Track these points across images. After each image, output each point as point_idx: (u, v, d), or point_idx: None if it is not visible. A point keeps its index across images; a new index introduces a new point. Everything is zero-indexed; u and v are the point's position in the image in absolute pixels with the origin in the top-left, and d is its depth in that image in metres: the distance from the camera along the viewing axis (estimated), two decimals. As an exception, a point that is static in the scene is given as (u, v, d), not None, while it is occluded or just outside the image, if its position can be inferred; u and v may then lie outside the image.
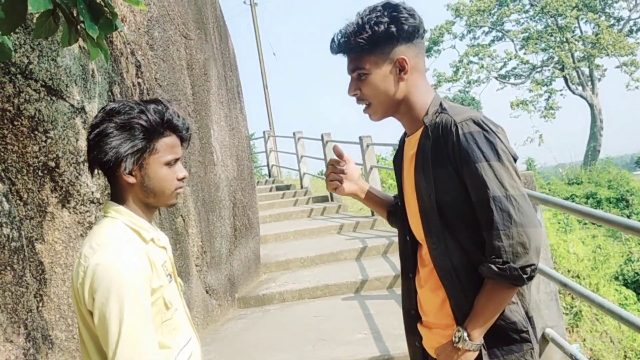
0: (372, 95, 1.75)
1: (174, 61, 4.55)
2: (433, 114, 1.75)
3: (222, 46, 6.39)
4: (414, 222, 1.82)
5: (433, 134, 1.70)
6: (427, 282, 1.79)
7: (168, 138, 1.70)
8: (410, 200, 1.82)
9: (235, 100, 6.76)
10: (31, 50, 2.55)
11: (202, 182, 5.00)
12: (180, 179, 1.74)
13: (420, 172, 1.73)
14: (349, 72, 1.77)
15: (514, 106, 29.14)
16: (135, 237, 1.68)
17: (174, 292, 1.75)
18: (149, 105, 1.69)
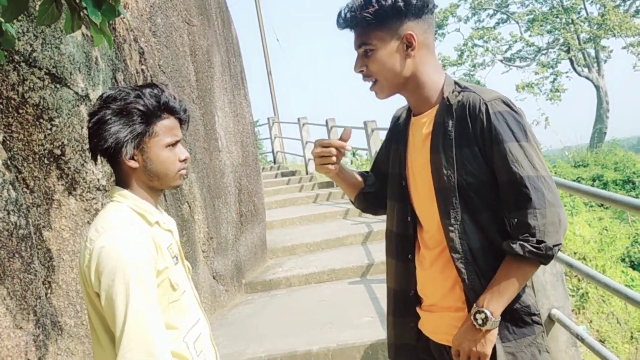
0: (379, 71, 1.70)
1: (177, 48, 4.54)
2: (451, 92, 1.71)
3: (225, 32, 6.36)
4: (423, 203, 1.78)
5: (458, 113, 1.66)
6: (433, 265, 1.76)
7: (166, 120, 1.71)
8: (420, 180, 1.78)
9: (239, 86, 6.75)
10: (35, 38, 2.55)
11: (207, 169, 5.00)
12: (182, 160, 1.75)
13: (439, 152, 1.68)
14: (355, 47, 1.72)
15: (520, 89, 28.93)
16: (140, 220, 1.69)
17: (181, 274, 1.76)
18: (144, 89, 1.70)
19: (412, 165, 1.82)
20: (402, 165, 1.85)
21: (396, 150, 1.89)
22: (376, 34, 1.66)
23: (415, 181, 1.80)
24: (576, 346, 2.98)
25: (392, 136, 1.94)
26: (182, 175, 1.78)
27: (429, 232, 1.78)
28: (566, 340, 2.97)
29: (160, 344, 1.54)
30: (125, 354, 1.49)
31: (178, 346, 1.68)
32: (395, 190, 1.87)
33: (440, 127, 1.69)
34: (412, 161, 1.82)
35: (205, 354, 1.77)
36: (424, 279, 1.82)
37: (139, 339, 1.51)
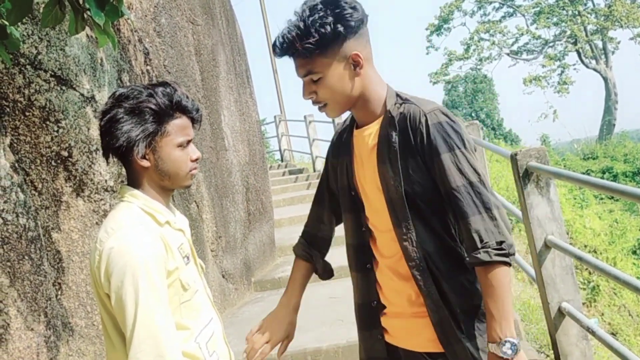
0: (329, 96, 1.69)
1: (182, 47, 4.55)
2: (394, 104, 1.72)
3: (230, 31, 6.36)
4: (376, 213, 1.78)
5: (400, 125, 1.69)
6: (394, 273, 1.76)
7: (178, 120, 1.69)
8: (371, 192, 1.78)
9: (245, 84, 6.75)
10: (39, 41, 2.56)
11: (214, 168, 5.01)
12: (194, 160, 1.73)
13: (386, 163, 1.70)
14: (299, 75, 1.70)
15: (527, 82, 28.79)
16: (150, 220, 1.68)
17: (192, 274, 1.75)
18: (157, 88, 1.68)
19: (360, 177, 1.82)
20: (350, 177, 1.84)
21: (342, 163, 1.87)
22: (321, 61, 1.64)
23: (366, 192, 1.80)
24: (587, 339, 2.95)
25: (337, 150, 1.92)
26: (193, 175, 1.77)
27: (383, 241, 1.79)
28: (577, 334, 2.94)
29: (170, 344, 1.54)
30: (136, 354, 1.50)
31: (190, 346, 1.67)
32: (347, 202, 1.87)
33: (385, 139, 1.70)
34: (359, 173, 1.81)
35: (217, 353, 1.77)
36: (388, 288, 1.81)
37: (149, 339, 1.51)
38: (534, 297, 4.37)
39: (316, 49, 1.61)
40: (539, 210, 3.04)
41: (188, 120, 1.72)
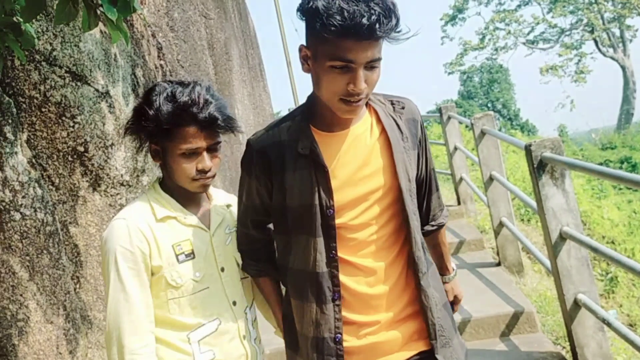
0: (372, 89, 1.56)
1: (195, 42, 4.56)
2: (383, 98, 1.74)
3: (242, 24, 6.38)
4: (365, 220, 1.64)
5: (406, 116, 1.71)
6: (386, 282, 1.67)
7: (185, 127, 1.66)
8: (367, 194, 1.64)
9: (258, 78, 6.77)
10: (54, 37, 2.58)
11: (228, 161, 5.04)
12: (200, 170, 1.69)
13: (403, 153, 1.66)
14: (362, 61, 1.47)
15: (544, 72, 28.53)
16: (148, 213, 1.74)
17: (189, 272, 1.73)
18: (176, 89, 1.68)
19: (345, 185, 1.63)
20: (323, 191, 1.61)
21: (303, 178, 1.63)
22: (381, 47, 1.51)
23: (357, 198, 1.63)
24: (603, 331, 2.93)
25: (288, 164, 1.65)
26: (200, 184, 1.73)
27: (370, 251, 1.66)
28: (593, 325, 2.93)
29: (129, 333, 1.66)
30: (105, 339, 1.69)
31: (178, 341, 1.73)
32: (310, 223, 1.63)
33: (392, 129, 1.67)
34: (345, 179, 1.63)
35: (218, 352, 1.76)
36: (372, 305, 1.67)
37: (112, 327, 1.67)
38: (550, 288, 4.34)
39: (390, 32, 1.47)
40: (554, 201, 3.02)
41: (196, 129, 1.66)
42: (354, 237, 1.65)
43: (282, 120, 1.72)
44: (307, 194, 1.62)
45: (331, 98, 1.53)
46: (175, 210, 1.77)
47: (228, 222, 1.89)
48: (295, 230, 1.66)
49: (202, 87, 1.71)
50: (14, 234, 2.30)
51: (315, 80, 1.58)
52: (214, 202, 1.89)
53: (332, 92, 1.52)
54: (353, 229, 1.64)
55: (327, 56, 1.47)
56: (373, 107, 1.70)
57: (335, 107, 1.55)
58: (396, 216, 1.67)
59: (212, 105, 1.68)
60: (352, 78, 1.48)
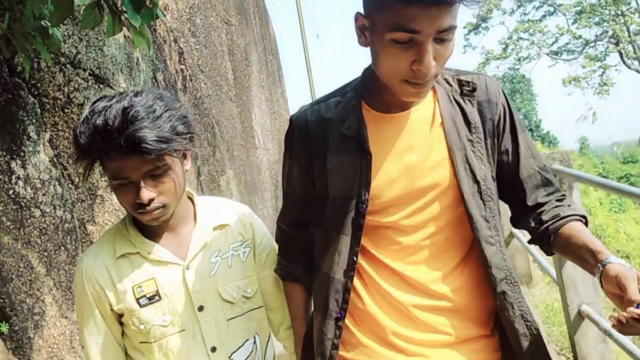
0: (444, 63, 1.27)
1: (215, 47, 4.65)
2: (452, 76, 1.43)
3: (263, 30, 6.47)
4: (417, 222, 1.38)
5: (479, 98, 1.39)
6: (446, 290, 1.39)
7: (108, 159, 1.40)
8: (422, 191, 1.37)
9: (276, 84, 6.86)
10: (79, 41, 2.68)
11: (244, 165, 5.12)
12: (138, 202, 1.42)
13: (462, 150, 1.36)
14: (429, 31, 1.18)
15: (567, 83, 28.26)
16: (107, 250, 1.56)
17: (152, 317, 1.52)
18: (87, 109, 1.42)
19: (396, 177, 1.38)
20: (362, 183, 1.37)
21: (345, 165, 1.39)
22: (456, 13, 1.21)
23: (407, 197, 1.38)
24: (606, 342, 2.95)
25: (330, 147, 1.42)
26: (149, 219, 1.47)
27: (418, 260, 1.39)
28: (596, 337, 2.95)
29: None
30: None
31: None
32: (343, 218, 1.39)
33: (456, 120, 1.38)
34: (397, 171, 1.38)
35: None
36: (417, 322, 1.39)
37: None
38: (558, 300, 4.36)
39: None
40: (562, 213, 3.03)
41: (120, 157, 1.37)
42: (402, 240, 1.38)
43: (331, 95, 1.48)
44: (347, 183, 1.38)
45: (392, 78, 1.27)
46: (138, 245, 1.54)
47: (218, 247, 1.61)
48: (329, 224, 1.43)
49: (127, 101, 1.39)
50: (34, 230, 2.39)
51: (373, 56, 1.31)
52: (198, 224, 1.61)
53: (394, 72, 1.25)
54: (402, 231, 1.38)
55: (388, 26, 1.20)
56: (436, 88, 1.40)
57: (396, 89, 1.29)
58: (458, 221, 1.38)
59: (133, 127, 1.35)
60: (418, 54, 1.20)
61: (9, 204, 2.32)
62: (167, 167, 1.44)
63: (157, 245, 1.55)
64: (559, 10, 29.15)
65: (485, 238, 1.36)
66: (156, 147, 1.36)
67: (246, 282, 1.64)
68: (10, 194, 2.32)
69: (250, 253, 1.67)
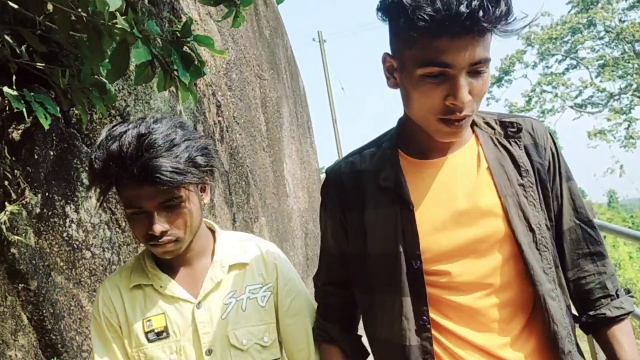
0: (480, 99, 1.19)
1: (249, 100, 4.88)
2: (494, 119, 1.34)
3: (293, 84, 6.73)
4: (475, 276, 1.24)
5: (526, 141, 1.29)
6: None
7: (123, 186, 1.36)
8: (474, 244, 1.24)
9: (306, 135, 7.07)
10: (128, 95, 2.89)
11: (275, 213, 5.26)
12: (150, 233, 1.36)
13: (514, 195, 1.25)
14: (461, 63, 1.12)
15: (592, 136, 28.20)
16: (124, 278, 1.53)
17: (157, 354, 1.45)
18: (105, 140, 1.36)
19: (441, 228, 1.26)
20: (409, 236, 1.25)
21: (386, 217, 1.28)
22: (488, 44, 1.15)
23: (457, 251, 1.26)
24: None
25: (365, 203, 1.33)
26: (161, 252, 1.41)
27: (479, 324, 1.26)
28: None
29: None
30: None
31: None
32: (394, 277, 1.26)
33: (503, 164, 1.27)
34: (442, 221, 1.26)
35: None
36: None
37: None
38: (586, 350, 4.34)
39: (499, 22, 1.10)
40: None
41: (134, 185, 1.32)
42: (457, 300, 1.24)
43: (366, 146, 1.40)
44: (390, 239, 1.26)
45: (426, 117, 1.19)
46: (152, 277, 1.48)
47: (234, 287, 1.50)
48: (379, 287, 1.30)
49: (144, 128, 1.34)
50: (84, 270, 2.54)
51: (404, 97, 1.24)
52: (214, 260, 1.52)
53: (427, 110, 1.17)
54: (455, 289, 1.24)
55: (417, 62, 1.14)
56: (477, 133, 1.31)
57: (431, 128, 1.21)
58: (518, 276, 1.25)
59: (148, 155, 1.29)
60: (451, 88, 1.13)
61: (63, 246, 2.49)
62: (183, 199, 1.37)
63: (170, 279, 1.47)
64: (582, 63, 29.39)
65: (548, 292, 1.23)
66: (171, 178, 1.29)
67: (262, 329, 1.50)
68: (64, 236, 2.49)
69: (271, 298, 1.53)
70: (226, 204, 3.77)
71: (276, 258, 1.59)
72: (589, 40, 28.48)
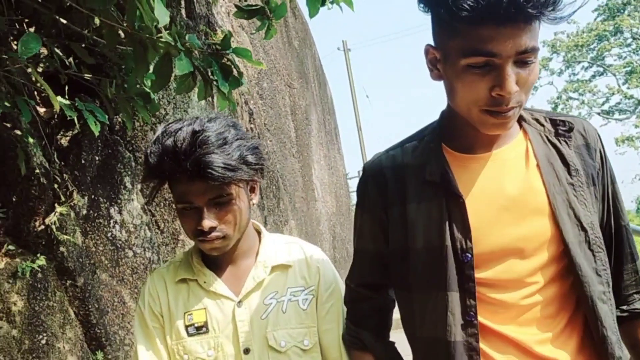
0: (529, 91, 1.14)
1: (279, 108, 5.03)
2: (543, 116, 1.29)
3: (321, 92, 6.88)
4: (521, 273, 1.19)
5: (576, 142, 1.25)
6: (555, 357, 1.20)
7: (175, 181, 1.37)
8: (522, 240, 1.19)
9: (333, 141, 7.21)
10: (167, 103, 3.05)
11: (305, 216, 5.39)
12: (199, 229, 1.37)
13: (563, 193, 1.20)
14: (507, 52, 1.06)
15: (620, 142, 27.84)
16: (171, 271, 1.53)
17: (196, 349, 1.45)
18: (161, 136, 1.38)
19: (488, 225, 1.21)
20: (459, 229, 1.19)
21: (431, 212, 1.23)
22: (536, 32, 1.09)
23: (503, 248, 1.20)
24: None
25: (407, 197, 1.27)
26: (209, 248, 1.41)
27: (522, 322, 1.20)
28: None
29: None
30: None
31: None
32: (439, 272, 1.21)
33: (552, 161, 1.22)
34: (489, 218, 1.21)
35: None
36: None
37: None
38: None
39: (546, 8, 1.05)
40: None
41: (186, 180, 1.33)
42: (500, 298, 1.19)
43: (406, 140, 1.35)
44: (435, 233, 1.21)
45: (470, 109, 1.14)
46: (197, 272, 1.50)
47: (275, 288, 1.49)
48: (420, 283, 1.24)
49: (199, 125, 1.36)
50: (127, 268, 2.70)
51: (448, 89, 1.20)
52: (258, 260, 1.51)
53: (472, 101, 1.13)
54: (500, 287, 1.20)
55: (461, 52, 1.09)
56: (526, 129, 1.27)
57: (477, 121, 1.16)
58: (564, 276, 1.20)
59: (201, 150, 1.31)
60: (498, 78, 1.08)
61: (107, 245, 2.64)
62: (232, 196, 1.38)
63: (214, 275, 1.48)
64: (609, 70, 29.05)
65: (598, 295, 1.17)
66: (222, 173, 1.31)
67: (303, 332, 1.47)
68: (108, 236, 2.65)
69: (313, 301, 1.50)
70: (258, 207, 3.91)
71: (320, 262, 1.56)
72: (616, 47, 28.15)
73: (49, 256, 2.37)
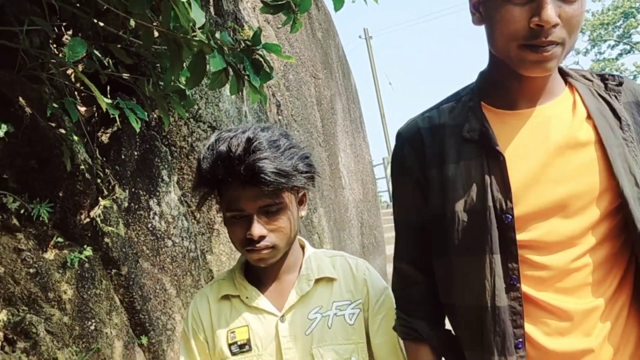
0: (575, 30, 1.08)
1: (305, 99, 5.12)
2: (590, 73, 1.24)
3: (345, 82, 6.95)
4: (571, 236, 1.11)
5: (626, 98, 1.19)
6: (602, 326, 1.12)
7: (226, 188, 1.36)
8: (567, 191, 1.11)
9: (358, 129, 7.29)
10: (200, 99, 3.16)
11: (332, 204, 5.50)
12: (248, 237, 1.34)
13: (619, 146, 1.12)
14: None
15: (648, 121, 27.30)
16: (215, 289, 1.52)
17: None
18: (214, 143, 1.38)
19: (531, 183, 1.13)
20: (499, 191, 1.13)
21: (470, 171, 1.17)
22: None
23: (548, 208, 1.13)
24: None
25: (445, 157, 1.21)
26: (256, 259, 1.38)
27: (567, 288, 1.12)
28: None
29: None
30: None
31: None
32: (480, 235, 1.14)
33: (604, 115, 1.15)
34: (532, 176, 1.13)
35: None
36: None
37: None
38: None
39: None
40: None
41: (238, 186, 1.32)
42: (544, 262, 1.12)
43: (443, 102, 1.31)
44: (475, 193, 1.14)
45: (509, 46, 1.09)
46: (239, 288, 1.47)
47: (320, 302, 1.44)
48: (460, 247, 1.17)
49: (252, 132, 1.35)
50: (167, 257, 2.83)
51: (488, 30, 1.15)
52: (301, 273, 1.47)
53: (510, 36, 1.08)
54: (544, 249, 1.12)
55: None
56: (573, 84, 1.21)
57: (515, 59, 1.10)
58: (616, 235, 1.13)
59: (255, 156, 1.30)
60: (537, 7, 1.04)
61: (148, 235, 2.78)
62: (283, 205, 1.36)
63: (257, 291, 1.45)
64: (636, 48, 28.46)
65: None
66: (275, 179, 1.30)
67: (350, 349, 1.41)
68: (149, 227, 2.78)
69: (360, 315, 1.45)
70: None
71: (365, 273, 1.51)
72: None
73: (94, 247, 2.49)
